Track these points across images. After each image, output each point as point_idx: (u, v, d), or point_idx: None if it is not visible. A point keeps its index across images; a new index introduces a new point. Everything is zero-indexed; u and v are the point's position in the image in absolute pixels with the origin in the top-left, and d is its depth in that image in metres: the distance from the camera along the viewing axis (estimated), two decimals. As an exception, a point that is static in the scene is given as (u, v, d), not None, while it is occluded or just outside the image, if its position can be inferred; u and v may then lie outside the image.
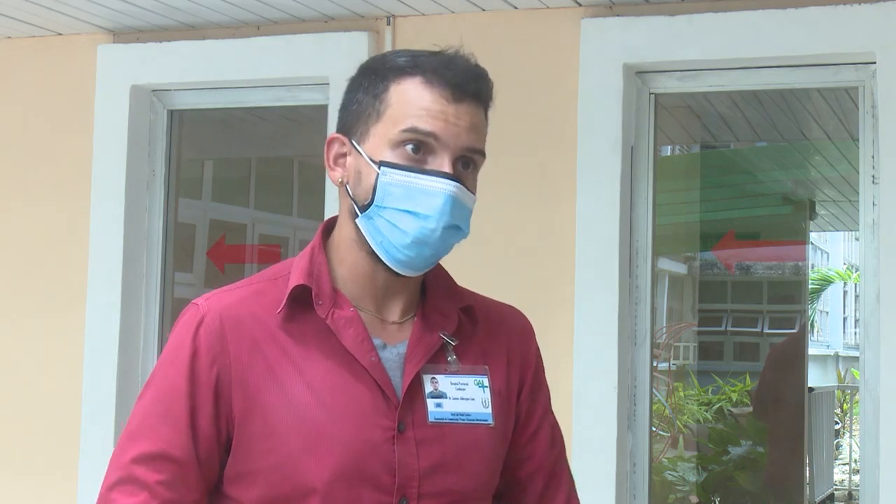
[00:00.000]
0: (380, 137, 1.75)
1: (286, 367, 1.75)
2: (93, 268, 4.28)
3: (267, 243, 6.08)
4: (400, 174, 1.73)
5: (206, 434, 1.74)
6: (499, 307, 1.96)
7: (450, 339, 1.82)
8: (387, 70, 1.78)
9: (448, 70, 1.76)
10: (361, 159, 1.77)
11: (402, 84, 1.76)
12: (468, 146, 1.76)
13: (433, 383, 1.79)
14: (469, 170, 1.78)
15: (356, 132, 1.79)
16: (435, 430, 1.77)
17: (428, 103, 1.74)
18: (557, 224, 3.84)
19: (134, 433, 1.76)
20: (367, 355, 1.76)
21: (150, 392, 1.78)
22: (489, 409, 1.82)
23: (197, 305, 1.80)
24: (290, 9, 4.03)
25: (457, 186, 1.74)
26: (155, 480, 1.71)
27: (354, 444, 1.72)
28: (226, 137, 5.40)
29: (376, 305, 1.82)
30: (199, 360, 1.75)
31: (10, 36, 4.47)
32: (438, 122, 1.74)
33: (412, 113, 1.74)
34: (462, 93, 1.76)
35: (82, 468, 4.18)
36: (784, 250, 8.28)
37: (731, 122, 5.98)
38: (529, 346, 1.95)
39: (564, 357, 3.75)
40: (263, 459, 1.73)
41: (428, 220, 1.73)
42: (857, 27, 3.59)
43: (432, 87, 1.75)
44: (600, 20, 3.82)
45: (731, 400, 9.13)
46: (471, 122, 1.77)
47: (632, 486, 3.79)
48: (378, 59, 1.83)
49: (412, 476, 1.74)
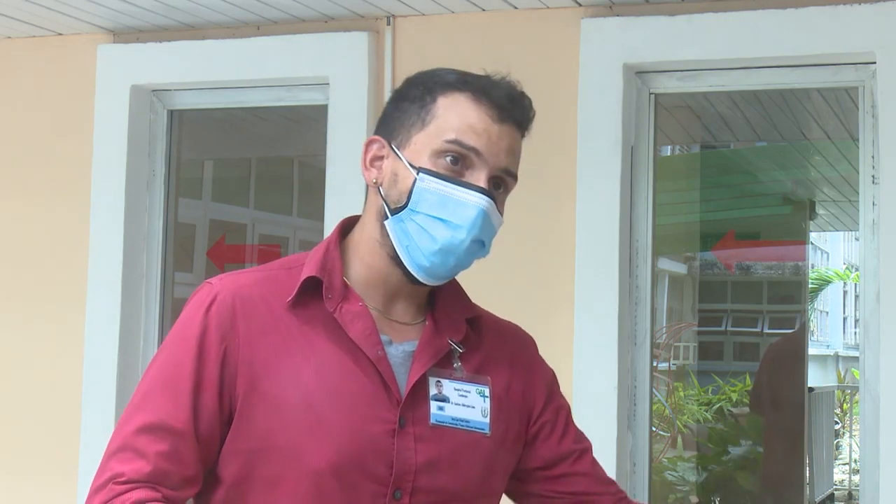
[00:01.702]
0: (421, 145, 1.80)
1: (293, 352, 1.78)
2: (93, 268, 4.28)
3: (267, 243, 6.08)
4: (437, 182, 1.78)
5: (210, 410, 1.75)
6: (503, 322, 2.01)
7: (458, 346, 1.86)
8: (436, 83, 1.84)
9: (496, 91, 1.83)
10: (400, 163, 1.81)
11: (451, 98, 1.81)
12: (504, 167, 1.82)
13: (438, 386, 1.83)
14: (500, 191, 1.84)
15: (397, 137, 1.83)
16: (435, 430, 1.80)
17: (474, 119, 1.80)
18: (557, 224, 3.84)
19: (138, 405, 1.77)
20: (373, 348, 1.79)
21: (157, 365, 1.80)
22: (487, 418, 1.86)
23: (211, 284, 1.83)
24: (290, 9, 4.03)
25: (490, 202, 1.79)
26: (154, 451, 1.72)
27: (354, 433, 1.75)
28: (226, 137, 5.40)
29: (384, 304, 1.85)
30: (208, 336, 1.76)
31: (10, 36, 4.47)
32: (482, 138, 1.79)
33: (457, 126, 1.79)
34: (507, 115, 1.83)
35: (82, 468, 4.18)
36: (784, 250, 8.28)
37: (731, 122, 5.98)
38: (544, 367, 2.02)
39: (564, 357, 3.75)
40: (261, 441, 1.75)
41: (459, 230, 1.78)
42: (857, 27, 3.59)
43: (480, 104, 1.81)
44: (600, 20, 3.82)
45: (731, 400, 9.13)
46: (510, 144, 1.84)
47: (632, 486, 3.79)
48: (427, 73, 1.88)
49: (409, 471, 1.77)
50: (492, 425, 1.86)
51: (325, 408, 1.75)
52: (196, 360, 1.76)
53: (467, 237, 1.78)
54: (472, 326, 1.91)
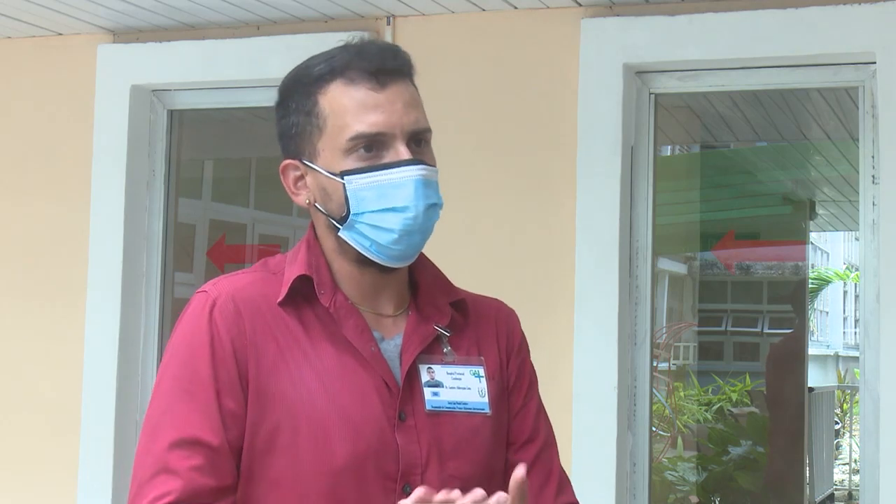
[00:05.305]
0: (330, 150, 1.77)
1: (295, 353, 1.77)
2: (93, 268, 4.28)
3: (267, 243, 6.08)
4: (365, 177, 1.75)
5: (235, 415, 1.73)
6: (486, 300, 1.99)
7: (444, 331, 1.85)
8: (307, 84, 1.79)
9: (362, 60, 1.77)
10: (321, 176, 1.79)
11: (328, 93, 1.77)
12: (413, 129, 1.77)
13: (430, 373, 1.82)
14: (422, 147, 1.79)
15: (304, 152, 1.81)
16: (434, 418, 1.80)
17: (359, 100, 1.75)
18: (557, 224, 3.84)
19: (159, 425, 1.74)
20: (367, 346, 1.79)
21: (170, 379, 1.76)
22: (486, 398, 1.84)
23: (206, 292, 1.80)
24: (290, 9, 4.03)
25: (421, 168, 1.75)
26: (187, 466, 1.69)
27: (363, 432, 1.75)
28: (226, 137, 5.40)
29: (369, 303, 1.84)
30: (217, 342, 1.75)
31: (10, 36, 4.47)
32: (377, 115, 1.75)
33: (350, 118, 1.75)
34: (385, 75, 1.76)
35: (82, 468, 4.18)
36: (784, 250, 8.27)
37: (731, 122, 5.98)
38: (515, 332, 1.97)
39: (564, 357, 3.76)
40: (272, 442, 1.74)
41: (407, 211, 1.75)
42: (857, 27, 3.59)
43: (355, 83, 1.76)
44: (600, 20, 3.82)
45: (731, 400, 9.13)
46: (404, 100, 1.77)
47: (632, 486, 3.79)
48: (295, 74, 1.83)
49: (415, 463, 1.77)
50: (491, 405, 1.84)
51: (330, 409, 1.74)
52: (212, 367, 1.73)
53: (418, 213, 1.75)
54: (458, 310, 1.90)
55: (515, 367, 1.94)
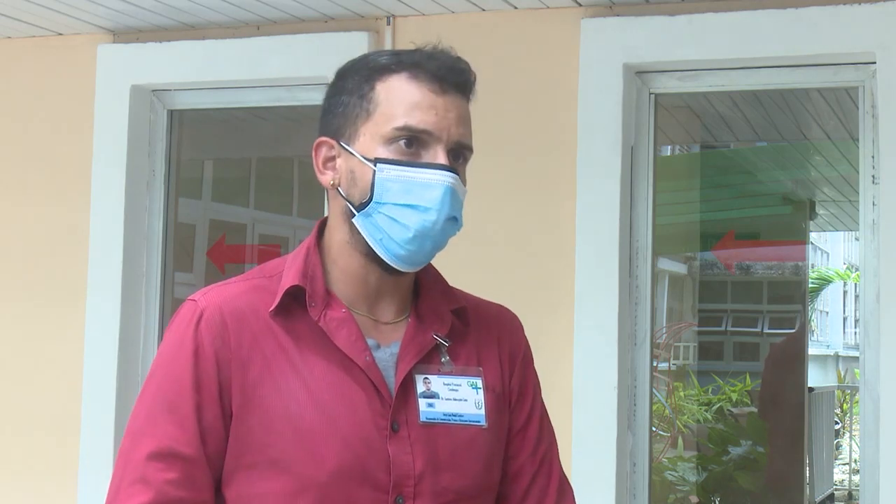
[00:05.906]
0: (371, 136, 1.76)
1: (283, 364, 1.75)
2: (93, 268, 4.28)
3: (267, 243, 6.08)
4: (398, 169, 1.73)
5: (214, 429, 1.73)
6: (488, 306, 1.96)
7: (443, 340, 1.82)
8: (370, 70, 1.79)
9: (432, 63, 1.77)
10: (353, 159, 1.77)
11: (389, 81, 1.77)
12: (459, 140, 1.77)
13: (426, 383, 1.79)
14: (460, 162, 1.78)
15: (344, 133, 1.79)
16: (428, 429, 1.77)
17: (417, 98, 1.75)
18: (557, 224, 3.84)
19: (142, 429, 1.74)
20: (361, 355, 1.76)
21: (153, 390, 1.77)
22: (482, 410, 1.82)
23: (195, 301, 1.79)
24: (290, 9, 4.04)
25: (454, 178, 1.74)
26: (163, 479, 1.70)
27: (351, 443, 1.72)
28: (226, 137, 5.40)
29: (369, 307, 1.82)
30: (201, 355, 1.74)
31: (10, 36, 4.47)
32: (428, 116, 1.74)
33: (402, 109, 1.74)
34: (448, 84, 1.76)
35: (82, 468, 4.18)
36: (784, 250, 8.28)
37: (731, 122, 5.98)
38: (518, 341, 1.94)
39: (564, 357, 3.76)
40: (259, 455, 1.72)
41: (429, 213, 1.73)
42: (857, 27, 3.59)
43: (419, 81, 1.76)
44: (600, 20, 3.82)
45: (731, 400, 9.13)
46: (458, 113, 1.77)
47: (632, 486, 3.79)
48: (359, 60, 1.83)
49: (408, 475, 1.74)
50: (487, 417, 1.82)
51: (319, 420, 1.72)
52: (194, 380, 1.73)
53: (439, 218, 1.73)
54: (459, 317, 1.87)
55: (518, 380, 1.91)
